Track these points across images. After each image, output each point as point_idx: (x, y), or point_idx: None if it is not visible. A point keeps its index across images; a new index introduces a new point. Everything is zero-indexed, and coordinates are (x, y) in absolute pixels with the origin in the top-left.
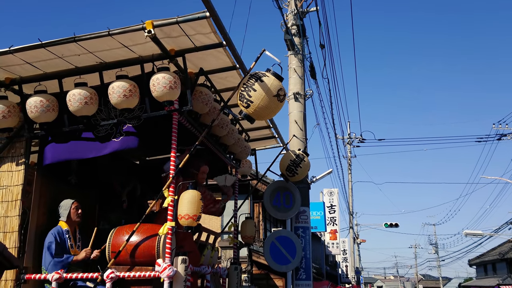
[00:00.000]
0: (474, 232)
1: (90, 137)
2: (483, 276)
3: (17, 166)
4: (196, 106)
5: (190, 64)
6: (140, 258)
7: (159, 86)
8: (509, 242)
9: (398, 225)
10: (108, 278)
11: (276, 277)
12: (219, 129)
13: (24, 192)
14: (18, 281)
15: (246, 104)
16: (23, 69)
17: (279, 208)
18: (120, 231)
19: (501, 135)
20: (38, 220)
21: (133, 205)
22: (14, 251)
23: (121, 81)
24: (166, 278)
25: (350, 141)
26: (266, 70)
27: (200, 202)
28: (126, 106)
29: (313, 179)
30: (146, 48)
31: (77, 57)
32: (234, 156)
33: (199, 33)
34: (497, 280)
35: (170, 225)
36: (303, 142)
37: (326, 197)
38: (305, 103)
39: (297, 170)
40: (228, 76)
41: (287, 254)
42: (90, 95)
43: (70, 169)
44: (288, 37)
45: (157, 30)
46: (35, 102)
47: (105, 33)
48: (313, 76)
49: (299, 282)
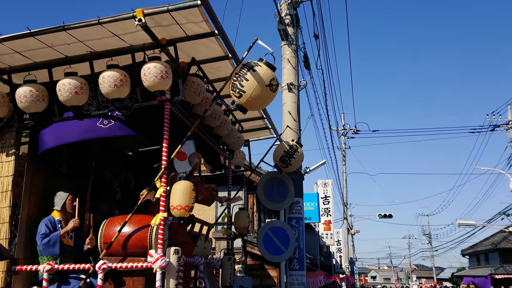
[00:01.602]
0: (467, 222)
1: (78, 122)
2: (475, 266)
3: (7, 157)
4: (188, 96)
5: (181, 53)
6: (132, 249)
7: (150, 75)
8: (501, 232)
9: (392, 216)
10: (100, 269)
11: (270, 268)
12: (211, 119)
13: (15, 183)
14: (10, 273)
15: (239, 94)
16: (12, 59)
17: (273, 199)
18: (112, 222)
19: (494, 126)
20: (29, 211)
21: (126, 196)
22: (5, 242)
23: (111, 71)
24: (158, 269)
25: (344, 132)
26: (259, 59)
27: (193, 192)
28: (117, 96)
29: (307, 170)
30: (137, 37)
31: (67, 46)
32: (227, 147)
33: (190, 22)
34: (489, 269)
35: (162, 215)
36: (297, 133)
37: (320, 188)
38: (299, 94)
39: (290, 161)
40: (221, 66)
41: (280, 244)
42: (81, 84)
43: (61, 160)
44: (282, 27)
45: (147, 19)
46: (25, 92)
47: (95, 22)
48: (307, 66)
49: (293, 272)
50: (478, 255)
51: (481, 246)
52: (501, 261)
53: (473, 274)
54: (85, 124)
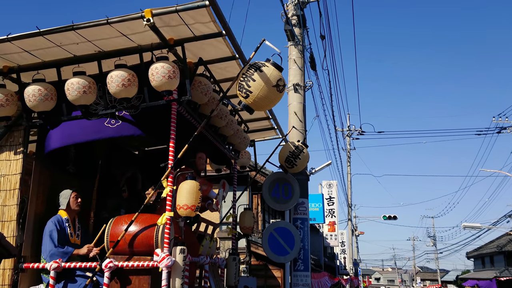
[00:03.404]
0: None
1: (85, 122)
2: (480, 268)
3: (15, 155)
4: (195, 96)
5: (189, 53)
6: (139, 248)
7: (158, 75)
8: (507, 235)
9: (396, 218)
10: (106, 267)
11: (274, 268)
12: (218, 119)
13: (23, 181)
14: (16, 270)
15: (245, 94)
16: (21, 58)
17: (278, 200)
18: (118, 221)
19: (500, 128)
20: (36, 209)
21: (134, 195)
22: (12, 240)
23: (119, 70)
24: (164, 268)
25: (349, 134)
26: (266, 60)
27: (199, 192)
28: (124, 95)
29: (312, 170)
30: (145, 37)
31: (75, 45)
32: (233, 147)
33: (198, 22)
34: (494, 272)
35: (168, 215)
36: (303, 134)
37: (325, 189)
38: (304, 94)
39: (296, 162)
40: (228, 66)
41: (285, 245)
42: (89, 84)
43: (68, 159)
44: (288, 28)
45: (156, 19)
46: (33, 91)
47: (104, 22)
48: (313, 67)
49: (297, 273)
50: (483, 257)
51: (486, 248)
52: (506, 264)
53: (478, 277)
54: (92, 124)
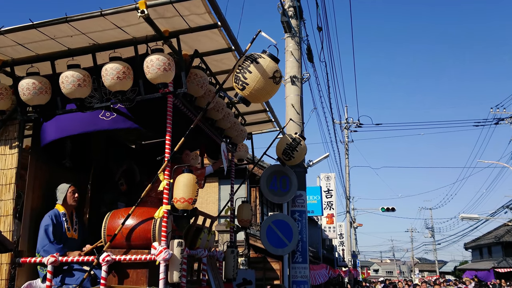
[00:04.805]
0: (470, 216)
1: (80, 115)
2: (478, 259)
3: (11, 150)
4: (191, 89)
5: (184, 45)
6: (136, 241)
7: (153, 68)
8: (504, 225)
9: (394, 209)
10: (104, 261)
11: (273, 261)
12: (214, 112)
13: (18, 175)
14: (14, 265)
15: (242, 86)
16: (15, 51)
17: (276, 192)
18: (115, 215)
19: (498, 119)
20: (33, 204)
21: (132, 188)
22: (9, 234)
23: (114, 63)
24: (162, 261)
25: (347, 126)
26: (262, 51)
27: (196, 185)
28: (119, 88)
29: (309, 163)
30: (139, 29)
31: (69, 38)
32: (230, 140)
33: (193, 14)
34: (492, 263)
35: (165, 208)
36: (300, 126)
37: (323, 181)
38: (302, 86)
39: (293, 154)
40: (224, 58)
41: (283, 237)
42: (83, 77)
43: (65, 153)
44: (285, 19)
45: (150, 10)
46: (28, 85)
47: (98, 13)
48: (310, 59)
49: (296, 265)
50: (481, 248)
51: (484, 239)
52: (504, 255)
53: (476, 268)
54: (87, 116)
